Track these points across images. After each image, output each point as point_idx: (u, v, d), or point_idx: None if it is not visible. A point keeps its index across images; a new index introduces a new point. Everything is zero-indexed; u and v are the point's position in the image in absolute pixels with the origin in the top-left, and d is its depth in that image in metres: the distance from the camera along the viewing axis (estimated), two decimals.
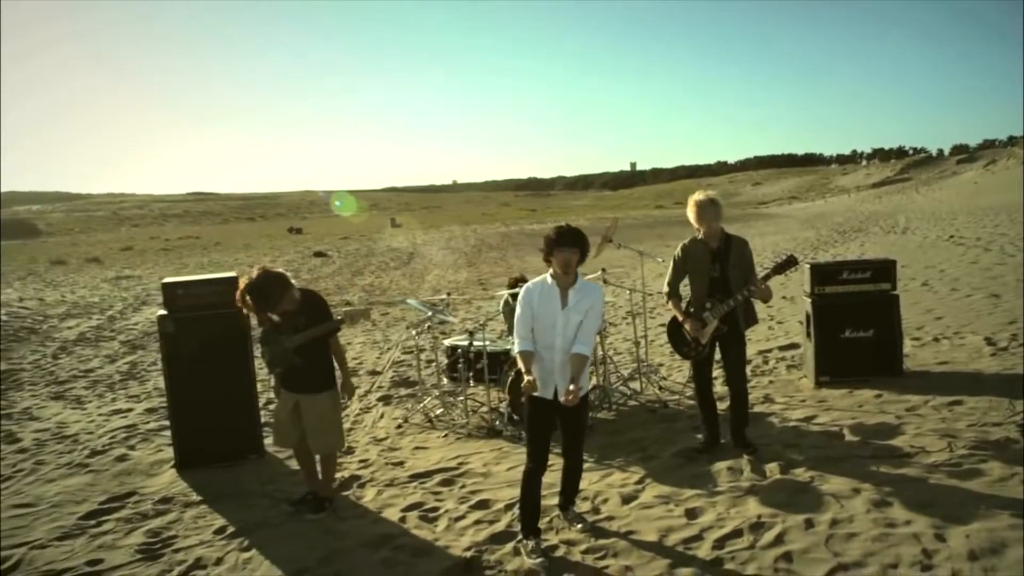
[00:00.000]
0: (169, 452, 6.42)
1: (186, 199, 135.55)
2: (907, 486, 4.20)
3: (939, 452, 4.66)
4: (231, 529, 4.71)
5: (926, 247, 17.84)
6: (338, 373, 4.93)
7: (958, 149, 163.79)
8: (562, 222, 4.21)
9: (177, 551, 4.46)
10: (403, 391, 8.25)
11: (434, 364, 8.28)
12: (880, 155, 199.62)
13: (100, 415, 8.02)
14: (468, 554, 4.00)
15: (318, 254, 32.06)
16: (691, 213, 5.09)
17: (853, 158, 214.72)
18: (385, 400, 7.90)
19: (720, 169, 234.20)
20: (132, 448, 6.73)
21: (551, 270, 4.01)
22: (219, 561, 4.27)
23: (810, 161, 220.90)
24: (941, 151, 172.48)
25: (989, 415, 5.24)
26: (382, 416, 7.30)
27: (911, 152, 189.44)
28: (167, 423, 7.44)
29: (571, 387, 3.79)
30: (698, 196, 5.08)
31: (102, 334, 13.50)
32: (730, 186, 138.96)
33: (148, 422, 7.61)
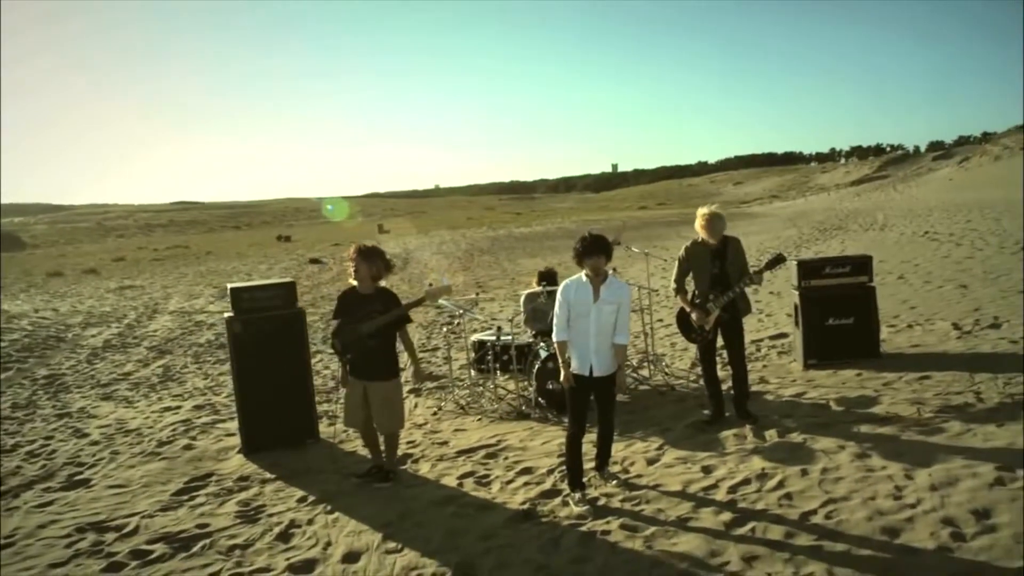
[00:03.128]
0: (230, 441, 7.19)
1: (171, 208, 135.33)
2: (883, 442, 5.07)
3: (909, 415, 5.54)
4: (312, 498, 5.49)
5: (903, 243, 18.82)
6: (406, 360, 5.79)
7: (934, 146, 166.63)
8: (586, 231, 4.99)
9: (271, 515, 5.24)
10: (430, 384, 9.05)
11: (455, 359, 9.06)
12: (858, 153, 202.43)
13: (153, 412, 8.75)
14: (525, 506, 4.83)
15: (314, 261, 32.70)
16: (701, 226, 5.92)
17: (832, 156, 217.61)
18: (415, 392, 8.68)
19: (701, 169, 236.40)
20: (194, 439, 7.46)
21: (585, 270, 4.87)
22: (311, 522, 5.06)
23: (790, 160, 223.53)
24: (918, 148, 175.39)
25: (952, 386, 6.13)
26: (416, 406, 8.08)
27: (889, 149, 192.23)
28: (218, 417, 8.26)
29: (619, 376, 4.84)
30: (706, 211, 5.94)
31: (126, 341, 14.17)
32: (711, 186, 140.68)
33: (200, 417, 8.34)
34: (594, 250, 4.78)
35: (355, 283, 5.58)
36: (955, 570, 3.40)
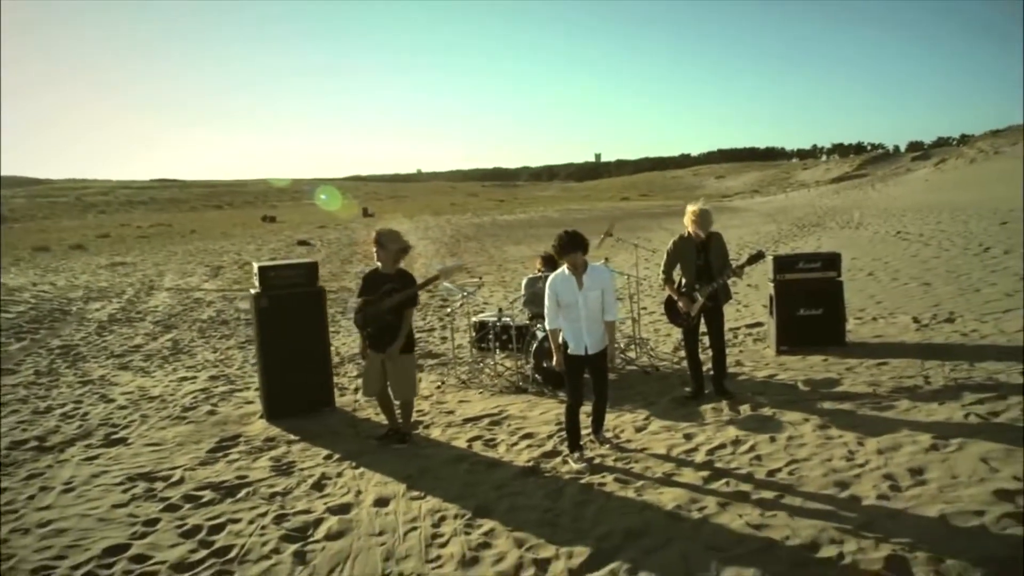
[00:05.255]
0: (250, 408, 7.82)
1: (151, 185, 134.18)
2: (842, 416, 5.83)
3: (866, 395, 6.31)
4: (337, 456, 6.15)
5: (876, 241, 19.69)
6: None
7: (914, 146, 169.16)
8: (566, 229, 5.45)
9: (303, 469, 5.89)
10: (431, 361, 9.72)
11: (453, 338, 9.73)
12: (839, 150, 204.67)
13: (171, 381, 9.35)
14: (530, 464, 5.53)
15: (302, 243, 33.13)
16: (691, 221, 6.60)
17: (813, 153, 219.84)
18: (417, 368, 9.35)
19: (684, 161, 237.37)
20: (216, 405, 8.08)
21: (566, 264, 5.46)
22: (340, 475, 5.72)
23: (771, 155, 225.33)
24: (897, 147, 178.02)
25: (906, 371, 6.91)
26: (420, 380, 8.74)
27: (869, 148, 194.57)
28: (235, 387, 8.88)
29: (610, 350, 5.47)
30: (696, 208, 6.63)
31: (130, 315, 14.67)
32: (694, 179, 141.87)
33: (217, 386, 8.94)
34: (570, 247, 5.31)
35: (378, 264, 6.23)
36: (888, 512, 4.15)
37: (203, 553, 4.51)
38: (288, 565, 4.31)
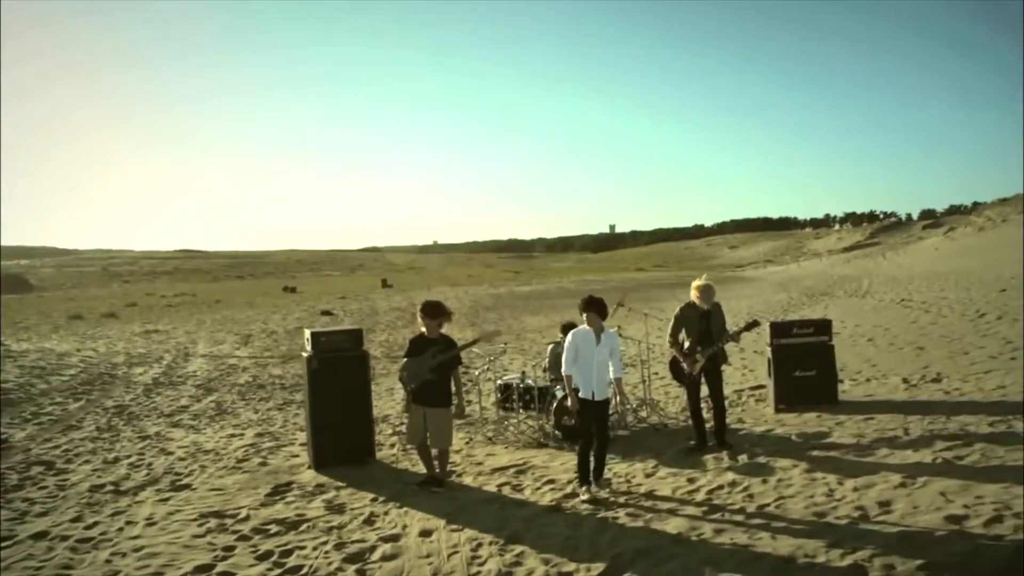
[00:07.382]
0: (297, 460, 8.66)
1: (175, 256, 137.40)
2: (827, 462, 6.62)
3: (850, 444, 7.11)
4: (382, 498, 6.97)
5: (879, 309, 20.51)
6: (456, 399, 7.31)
7: (926, 214, 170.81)
8: (591, 293, 6.67)
9: (353, 508, 6.72)
10: (458, 421, 10.52)
11: (475, 401, 10.58)
12: (852, 219, 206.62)
13: (221, 438, 10.22)
14: (553, 503, 6.35)
15: (325, 313, 34.27)
16: (696, 295, 7.57)
17: (826, 222, 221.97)
18: None
19: (698, 232, 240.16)
20: (266, 458, 8.93)
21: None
22: (386, 513, 6.55)
23: (784, 225, 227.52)
24: (910, 215, 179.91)
25: (888, 424, 7.70)
26: None
27: (882, 216, 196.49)
28: (280, 443, 9.73)
29: (617, 400, 6.34)
30: (700, 283, 7.62)
31: (172, 379, 15.65)
32: (708, 249, 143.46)
33: (264, 442, 9.80)
34: (586, 307, 6.53)
35: (424, 330, 7.17)
36: (856, 533, 4.94)
37: (278, 571, 5.34)
38: None
